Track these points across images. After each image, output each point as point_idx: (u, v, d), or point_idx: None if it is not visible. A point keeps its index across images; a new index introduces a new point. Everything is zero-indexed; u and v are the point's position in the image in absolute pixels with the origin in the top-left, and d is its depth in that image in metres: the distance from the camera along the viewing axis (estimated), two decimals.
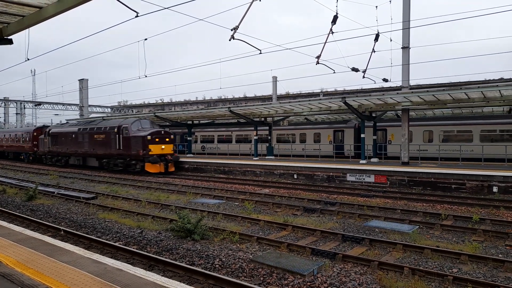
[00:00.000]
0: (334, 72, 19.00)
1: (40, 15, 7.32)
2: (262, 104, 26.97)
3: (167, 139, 26.47)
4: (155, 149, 25.31)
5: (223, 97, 64.00)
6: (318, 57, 16.88)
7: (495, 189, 15.50)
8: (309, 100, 23.77)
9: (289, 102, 26.20)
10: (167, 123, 34.33)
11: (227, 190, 18.12)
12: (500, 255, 8.22)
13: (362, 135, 22.98)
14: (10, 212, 13.02)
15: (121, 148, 26.51)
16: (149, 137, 25.18)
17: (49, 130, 35.09)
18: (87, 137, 29.94)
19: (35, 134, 38.28)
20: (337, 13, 16.80)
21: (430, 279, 6.87)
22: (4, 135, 46.01)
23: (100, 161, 29.22)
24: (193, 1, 10.86)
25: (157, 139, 25.66)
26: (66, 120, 45.65)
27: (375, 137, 24.49)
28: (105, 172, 27.98)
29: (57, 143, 33.57)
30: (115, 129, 27.14)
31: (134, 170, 26.23)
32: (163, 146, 25.84)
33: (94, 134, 29.08)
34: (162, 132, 26.55)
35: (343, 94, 36.02)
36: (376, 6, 20.93)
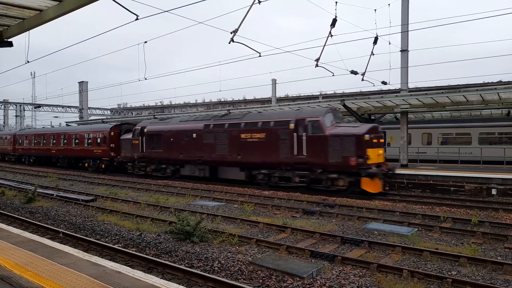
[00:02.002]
0: (333, 75, 19.04)
1: (40, 18, 7.36)
2: None
3: (381, 140, 17.65)
4: (373, 155, 16.18)
5: (222, 100, 64.09)
6: (317, 59, 16.92)
7: (494, 191, 15.52)
8: (308, 102, 23.81)
9: (288, 104, 26.24)
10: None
11: (226, 192, 18.10)
12: (499, 258, 8.22)
13: None
14: (9, 214, 13.01)
15: (305, 153, 17.06)
16: (367, 136, 15.94)
17: (143, 127, 25.10)
18: (224, 137, 20.38)
19: (112, 134, 27.94)
20: (336, 16, 16.85)
21: (429, 282, 6.87)
22: (53, 135, 35.08)
23: (249, 172, 19.78)
24: (193, 4, 10.90)
25: (375, 140, 16.60)
26: (153, 116, 32.72)
27: None
28: (104, 175, 27.82)
29: (159, 146, 23.62)
30: (290, 124, 17.61)
31: (333, 188, 16.70)
32: (380, 151, 17.01)
33: (241, 133, 19.55)
34: (379, 128, 17.60)
35: (342, 97, 36.06)
36: (375, 10, 21.00)
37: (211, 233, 9.99)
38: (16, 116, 59.37)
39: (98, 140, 28.91)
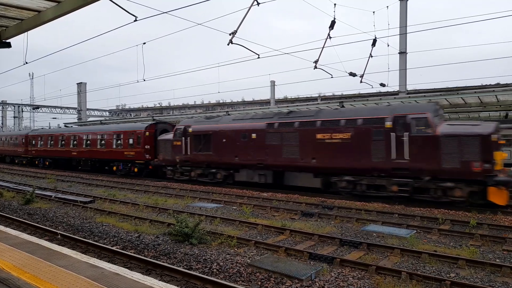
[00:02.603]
0: (332, 77, 19.07)
1: (38, 19, 7.35)
2: None
3: (502, 142, 15.00)
4: (499, 159, 13.49)
5: (221, 101, 64.14)
6: (316, 61, 16.93)
7: None
8: (307, 104, 23.85)
9: (287, 106, 26.26)
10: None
11: (225, 194, 18.09)
12: (497, 260, 8.23)
13: None
14: (7, 216, 12.96)
15: (407, 157, 14.34)
16: (494, 136, 13.35)
17: (186, 127, 22.04)
18: (293, 137, 17.60)
19: (147, 134, 25.09)
20: (334, 19, 16.88)
21: (428, 284, 6.87)
22: (74, 136, 31.82)
23: (325, 178, 17.08)
24: (191, 5, 10.91)
25: (500, 141, 14.24)
26: (193, 115, 30.25)
27: None
28: (103, 176, 27.77)
29: (208, 147, 20.64)
30: (386, 122, 14.96)
31: (445, 200, 14.01)
32: (504, 155, 14.42)
33: (317, 132, 16.80)
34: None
35: (341, 99, 36.14)
36: (373, 12, 21.06)
37: (209, 235, 9.97)
38: (14, 117, 59.28)
39: (130, 141, 25.93)
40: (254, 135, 18.75)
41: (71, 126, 41.09)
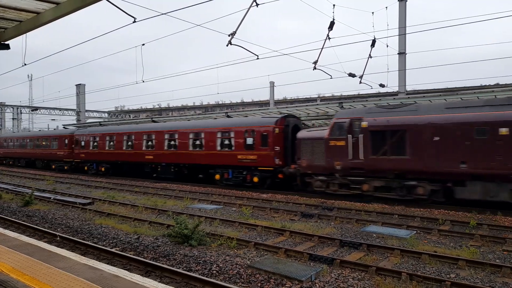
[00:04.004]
0: (331, 78, 19.04)
1: (37, 21, 7.34)
2: None
3: None
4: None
5: (220, 102, 64.15)
6: (315, 62, 16.91)
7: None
8: (307, 105, 23.83)
9: (286, 107, 26.27)
10: None
11: (224, 195, 18.07)
12: (497, 260, 8.22)
13: None
14: (5, 218, 12.92)
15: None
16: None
17: (355, 120, 16.06)
18: None
19: (277, 131, 19.04)
20: (333, 19, 16.88)
21: (428, 285, 6.86)
22: (148, 134, 25.38)
23: None
24: (190, 6, 10.90)
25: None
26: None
27: None
28: (101, 178, 27.73)
29: (400, 148, 14.71)
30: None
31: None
32: None
33: None
34: None
35: (340, 99, 36.16)
36: (373, 12, 21.07)
37: (209, 236, 9.95)
38: (13, 119, 59.21)
39: (249, 141, 19.79)
40: (505, 130, 12.76)
41: (135, 123, 32.79)
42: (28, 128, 69.44)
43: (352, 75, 19.99)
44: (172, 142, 23.67)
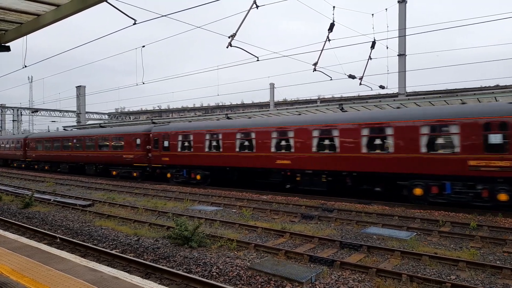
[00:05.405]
0: (331, 79, 19.05)
1: (37, 23, 7.36)
2: None
3: None
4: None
5: (220, 104, 64.17)
6: (315, 64, 16.93)
7: None
8: (307, 106, 23.84)
9: (287, 108, 26.26)
10: None
11: (224, 197, 18.06)
12: (498, 262, 8.21)
13: None
14: (5, 219, 12.92)
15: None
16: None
17: None
18: None
19: None
20: (333, 21, 16.90)
21: (428, 286, 6.85)
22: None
23: None
24: (191, 8, 10.91)
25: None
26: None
27: None
28: (101, 179, 27.71)
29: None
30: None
31: None
32: None
33: None
34: None
35: (340, 101, 36.20)
36: (372, 14, 21.10)
37: (209, 238, 9.95)
38: (13, 120, 59.24)
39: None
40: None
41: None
42: (28, 130, 69.46)
43: (352, 76, 20.00)
44: (327, 142, 17.21)
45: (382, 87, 23.28)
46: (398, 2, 24.05)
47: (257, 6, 13.24)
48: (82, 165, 31.67)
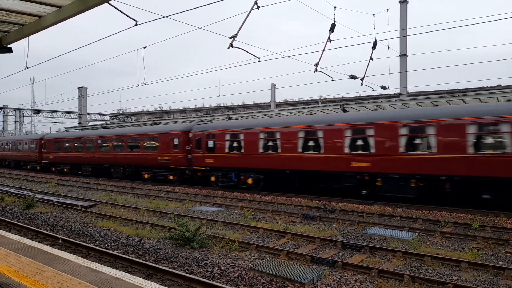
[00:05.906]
0: (333, 80, 19.06)
1: (39, 24, 7.37)
2: None
3: None
4: None
5: (222, 105, 64.21)
6: (316, 64, 16.93)
7: None
8: (308, 107, 23.83)
9: (288, 109, 26.25)
10: None
11: (226, 197, 18.06)
12: (500, 263, 8.19)
13: None
14: (7, 220, 12.95)
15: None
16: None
17: None
18: None
19: None
20: (334, 21, 16.91)
21: (431, 287, 6.83)
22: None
23: None
24: (192, 9, 10.93)
25: None
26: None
27: None
28: (103, 180, 27.74)
29: None
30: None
31: None
32: None
33: None
34: None
35: (342, 102, 36.16)
36: (374, 15, 21.09)
37: (211, 239, 9.95)
38: (15, 121, 59.40)
39: None
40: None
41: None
42: (30, 131, 69.60)
43: (353, 77, 20.00)
44: (418, 141, 14.87)
45: (383, 87, 23.27)
46: (399, 2, 24.04)
47: (258, 7, 13.25)
48: (107, 167, 29.42)
